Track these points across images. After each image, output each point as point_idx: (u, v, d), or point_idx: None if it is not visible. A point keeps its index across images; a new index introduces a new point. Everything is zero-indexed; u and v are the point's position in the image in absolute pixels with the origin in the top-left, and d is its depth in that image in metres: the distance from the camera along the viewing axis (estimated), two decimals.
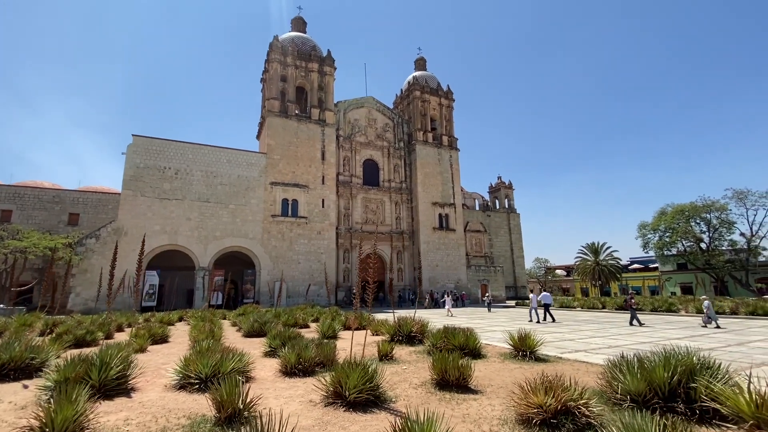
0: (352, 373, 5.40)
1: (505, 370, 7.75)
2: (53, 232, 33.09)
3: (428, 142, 47.14)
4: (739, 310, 21.17)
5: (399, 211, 44.75)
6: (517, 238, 61.53)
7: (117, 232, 29.97)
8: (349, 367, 5.60)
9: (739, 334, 13.99)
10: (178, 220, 31.97)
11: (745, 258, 45.76)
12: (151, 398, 5.97)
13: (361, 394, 5.24)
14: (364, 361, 5.75)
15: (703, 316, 16.69)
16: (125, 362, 6.52)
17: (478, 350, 9.26)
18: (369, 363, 5.75)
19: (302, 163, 38.30)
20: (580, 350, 10.73)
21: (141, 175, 31.34)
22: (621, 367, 5.35)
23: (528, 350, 8.78)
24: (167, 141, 32.76)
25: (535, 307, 21.06)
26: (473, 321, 20.99)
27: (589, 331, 15.65)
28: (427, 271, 42.97)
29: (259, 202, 35.28)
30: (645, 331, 15.27)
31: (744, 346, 11.33)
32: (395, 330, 11.46)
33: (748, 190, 45.12)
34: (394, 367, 8.05)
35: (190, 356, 6.81)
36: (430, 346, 9.47)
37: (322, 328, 12.81)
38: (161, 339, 12.47)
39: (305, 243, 36.50)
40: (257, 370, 7.87)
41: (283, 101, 39.48)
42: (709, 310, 16.35)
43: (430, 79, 51.04)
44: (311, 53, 42.21)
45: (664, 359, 5.07)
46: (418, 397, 5.87)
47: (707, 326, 16.21)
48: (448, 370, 6.27)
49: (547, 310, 20.97)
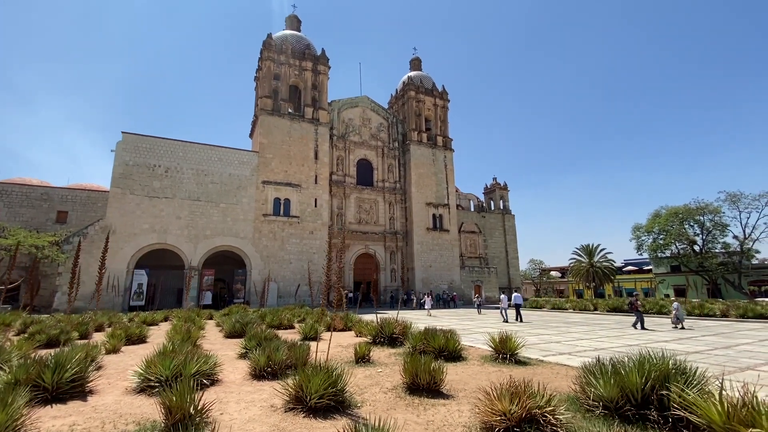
0: (314, 377, 5.14)
1: (483, 373, 7.52)
2: (41, 230, 32.60)
3: (423, 143, 46.95)
4: (729, 313, 21.05)
5: (393, 212, 44.52)
6: (512, 240, 61.39)
7: (105, 230, 29.55)
8: (313, 370, 5.35)
9: (728, 337, 13.84)
10: (168, 218, 31.59)
11: (738, 261, 45.85)
12: (107, 402, 5.69)
13: (322, 400, 4.99)
14: (329, 365, 5.49)
15: (672, 317, 17.64)
16: (82, 364, 6.23)
17: (458, 352, 9.03)
18: (334, 367, 5.49)
19: (295, 162, 37.99)
20: (565, 353, 10.52)
21: (130, 172, 30.95)
22: (595, 372, 5.13)
23: (509, 353, 8.56)
24: (157, 138, 32.38)
25: (505, 307, 21.94)
26: (463, 323, 20.77)
27: (578, 333, 15.46)
28: (421, 272, 42.75)
29: (251, 201, 34.94)
30: (633, 334, 15.10)
31: (731, 349, 11.16)
32: (377, 332, 11.22)
33: (741, 193, 45.29)
34: (369, 370, 7.81)
35: (152, 358, 6.53)
36: (410, 348, 9.23)
37: (304, 330, 12.55)
38: (138, 339, 12.13)
39: (297, 243, 36.19)
40: (227, 372, 7.61)
41: (276, 100, 39.17)
42: (677, 311, 17.34)
43: (425, 80, 50.87)
44: (305, 52, 41.93)
45: (638, 364, 4.85)
46: (386, 402, 5.63)
47: (676, 327, 17.25)
48: (419, 373, 6.03)
49: (517, 311, 21.99)
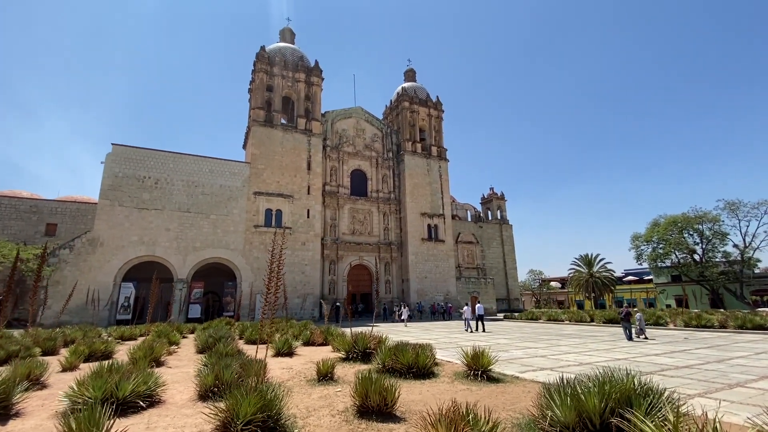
0: (243, 400, 4.65)
1: (449, 392, 6.98)
2: (29, 242, 32.25)
3: (417, 153, 46.78)
4: (727, 324, 20.36)
5: (387, 222, 44.07)
6: (510, 250, 60.76)
7: (92, 242, 29.17)
8: (245, 392, 4.86)
9: (722, 350, 13.22)
10: (157, 230, 31.21)
11: (739, 270, 45.03)
12: (25, 427, 5.20)
13: (249, 426, 4.49)
14: (261, 387, 5.00)
15: (636, 328, 17.89)
16: (7, 384, 5.75)
17: (429, 369, 8.49)
18: (268, 388, 5.00)
19: (287, 172, 37.75)
20: (547, 368, 9.96)
21: (119, 184, 30.69)
22: (553, 393, 4.63)
23: (481, 369, 8.02)
24: (148, 150, 32.21)
25: (468, 318, 23.27)
26: (452, 335, 20.14)
27: (567, 346, 14.85)
28: (416, 283, 42.09)
29: (242, 212, 34.59)
30: (625, 347, 14.49)
31: (723, 363, 10.57)
32: (350, 347, 10.68)
33: (740, 201, 44.74)
34: (328, 389, 7.28)
35: (84, 378, 6.04)
36: (379, 365, 8.70)
37: (277, 345, 11.99)
38: (103, 355, 11.59)
39: (288, 254, 35.66)
40: (174, 392, 7.11)
41: (268, 111, 39.17)
42: (641, 322, 17.74)
43: (419, 90, 51.00)
44: (298, 63, 42.11)
45: (599, 385, 4.35)
46: (329, 427, 5.11)
47: (639, 336, 17.54)
48: (369, 394, 5.53)
49: (480, 321, 23.18)
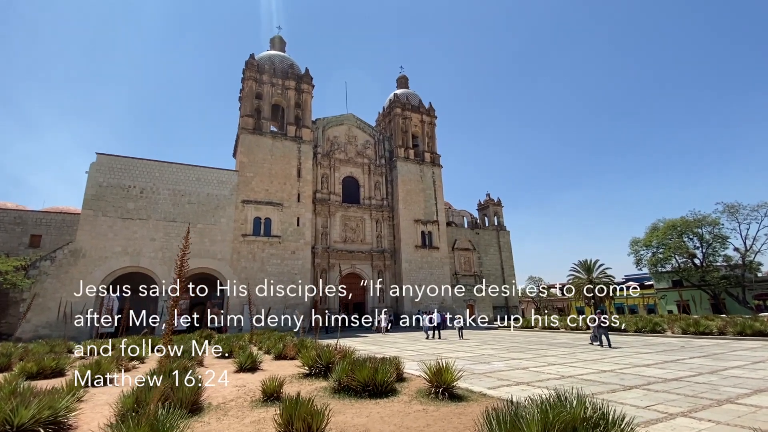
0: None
1: (400, 414, 6.22)
2: (12, 254, 31.58)
3: (410, 159, 46.28)
4: (726, 330, 19.47)
5: (380, 229, 43.36)
6: (508, 257, 59.78)
7: (74, 254, 28.54)
8: (138, 422, 4.15)
9: (718, 359, 12.39)
10: (142, 240, 30.56)
11: (741, 274, 44.03)
12: None
13: None
14: (161, 415, 4.29)
15: (591, 335, 17.97)
16: None
17: (389, 386, 7.72)
18: (164, 416, 4.28)
19: (277, 180, 37.21)
20: (523, 382, 9.19)
21: (103, 194, 30.15)
22: (493, 421, 3.91)
23: (444, 386, 7.27)
24: (133, 159, 31.75)
25: (427, 326, 24.33)
26: (438, 346, 19.31)
27: (554, 356, 14.03)
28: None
29: (230, 221, 33.96)
30: (615, 357, 13.66)
31: (716, 374, 9.77)
32: (314, 361, 9.93)
33: (739, 204, 43.90)
34: (267, 412, 6.51)
35: None
36: (335, 382, 7.95)
37: (240, 359, 11.24)
38: (53, 373, 10.85)
39: (278, 263, 34.95)
40: (94, 416, 6.38)
41: (258, 118, 38.80)
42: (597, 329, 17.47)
43: (411, 97, 50.71)
44: (288, 71, 41.86)
45: (542, 411, 3.64)
46: None
47: (593, 343, 17.41)
48: (293, 422, 4.80)
49: (437, 329, 24.47)
